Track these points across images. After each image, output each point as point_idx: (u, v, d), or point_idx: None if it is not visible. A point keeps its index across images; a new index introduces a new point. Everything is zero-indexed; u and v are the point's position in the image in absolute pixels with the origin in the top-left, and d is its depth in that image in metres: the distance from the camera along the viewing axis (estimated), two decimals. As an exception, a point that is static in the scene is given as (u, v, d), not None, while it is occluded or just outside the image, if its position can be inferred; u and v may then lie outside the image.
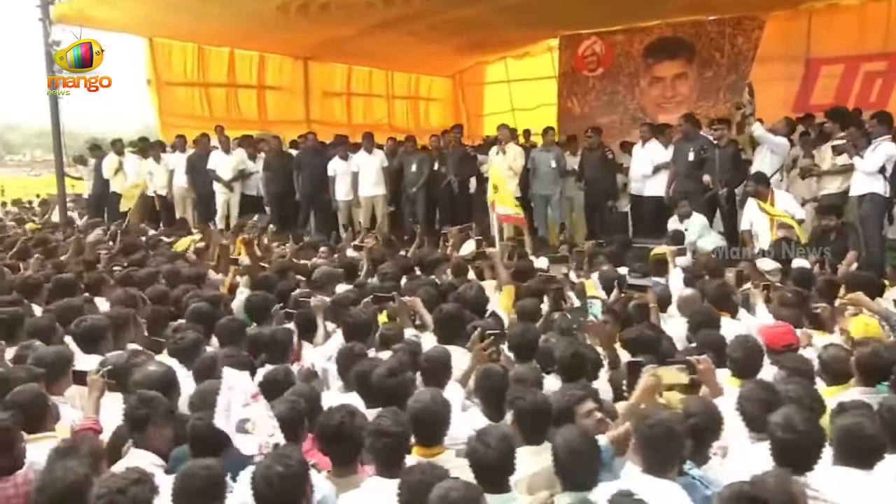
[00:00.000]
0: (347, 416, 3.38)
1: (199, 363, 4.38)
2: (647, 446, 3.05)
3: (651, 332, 4.51)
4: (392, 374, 3.91)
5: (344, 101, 17.05)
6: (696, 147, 9.49)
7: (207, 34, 14.17)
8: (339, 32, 14.49)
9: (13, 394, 3.67)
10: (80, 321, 4.91)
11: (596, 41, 17.09)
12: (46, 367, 4.11)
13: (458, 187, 11.43)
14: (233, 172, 12.07)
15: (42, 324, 5.13)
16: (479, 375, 4.02)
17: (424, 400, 3.59)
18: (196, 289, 6.48)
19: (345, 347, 4.56)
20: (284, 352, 4.96)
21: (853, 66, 14.40)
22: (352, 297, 5.75)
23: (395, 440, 3.29)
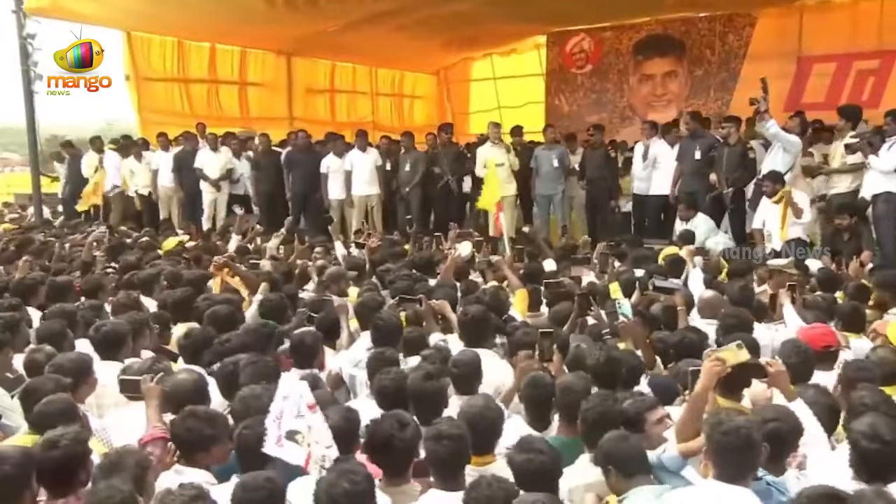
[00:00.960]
0: (398, 425, 3.27)
1: (222, 370, 4.24)
2: (721, 454, 2.95)
3: (695, 336, 4.45)
4: (429, 377, 3.81)
5: (327, 99, 16.91)
6: (702, 145, 9.49)
7: (187, 28, 13.95)
8: (324, 26, 14.33)
9: (43, 405, 3.51)
10: (99, 326, 4.74)
11: (584, 38, 17.12)
12: (66, 374, 3.94)
13: (455, 186, 11.32)
14: (220, 171, 11.87)
15: (55, 328, 4.95)
16: (527, 383, 3.93)
17: (478, 405, 3.48)
18: (195, 292, 6.32)
19: (377, 353, 4.44)
20: (313, 356, 4.83)
21: (845, 64, 14.54)
22: (378, 299, 5.63)
23: (457, 444, 3.15)
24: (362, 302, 5.49)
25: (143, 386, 3.76)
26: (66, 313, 5.44)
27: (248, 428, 3.26)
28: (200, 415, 3.38)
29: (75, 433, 3.16)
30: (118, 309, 5.61)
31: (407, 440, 3.24)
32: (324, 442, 3.02)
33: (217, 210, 11.93)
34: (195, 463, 3.36)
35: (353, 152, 11.35)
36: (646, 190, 10.47)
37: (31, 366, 4.51)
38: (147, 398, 3.72)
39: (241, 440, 3.25)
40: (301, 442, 3.04)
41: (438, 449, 3.14)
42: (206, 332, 4.92)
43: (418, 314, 5.37)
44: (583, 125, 16.39)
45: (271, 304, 5.75)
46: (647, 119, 16.26)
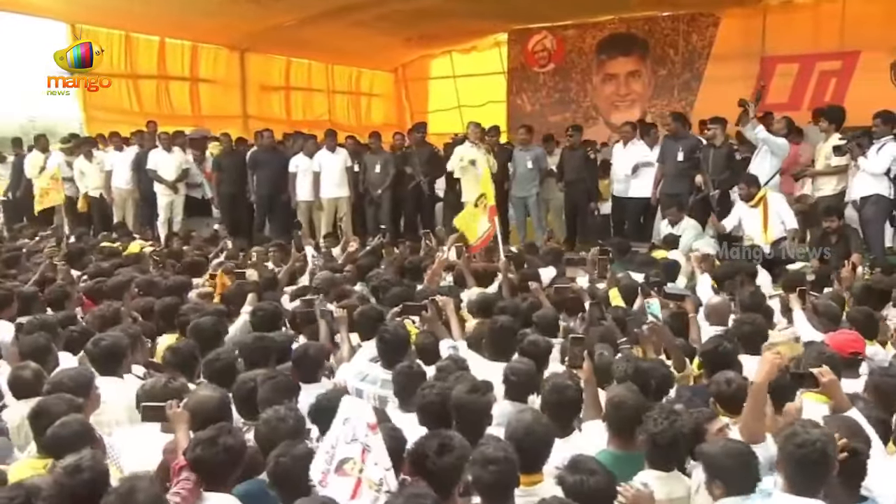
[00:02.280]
0: (437, 447, 3.09)
1: (241, 387, 4.06)
2: (794, 467, 2.93)
3: (730, 345, 4.42)
4: (475, 390, 3.70)
5: (282, 96, 16.61)
6: (685, 147, 9.52)
7: (135, 20, 13.56)
8: (281, 20, 14.11)
9: (58, 427, 3.33)
10: (97, 340, 4.50)
11: (546, 36, 17.18)
12: (68, 392, 3.76)
13: (427, 188, 11.21)
14: (176, 172, 11.53)
15: (39, 343, 4.69)
16: (548, 389, 3.87)
17: (526, 420, 3.39)
18: (179, 300, 6.10)
19: (403, 367, 4.29)
20: (317, 369, 4.69)
21: (808, 64, 14.89)
22: (378, 308, 5.49)
23: (506, 467, 3.04)
24: (363, 312, 5.34)
25: (170, 412, 3.57)
26: (47, 325, 5.17)
27: (283, 456, 3.12)
28: (227, 439, 3.22)
29: (95, 457, 3.04)
30: (99, 321, 5.35)
31: (454, 459, 3.13)
32: (383, 464, 2.88)
33: (174, 213, 11.58)
34: (223, 487, 3.24)
35: (322, 153, 11.14)
36: (626, 192, 10.47)
37: (17, 383, 4.28)
38: (176, 424, 3.55)
39: (279, 469, 3.10)
40: (351, 470, 2.90)
41: (484, 475, 3.03)
42: (193, 346, 4.72)
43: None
44: (546, 125, 16.46)
45: (265, 314, 5.56)
46: (607, 120, 16.80)
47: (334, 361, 5.21)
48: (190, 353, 4.60)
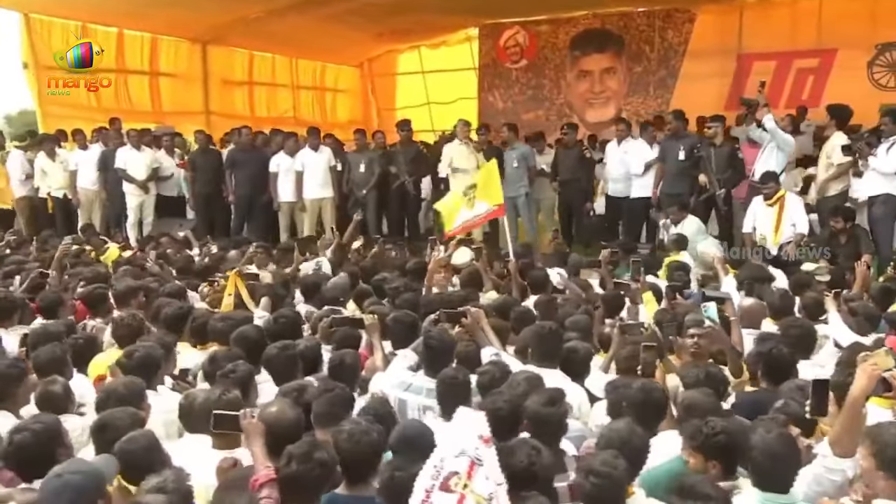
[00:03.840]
0: (535, 454, 3.12)
1: (288, 397, 3.95)
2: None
3: (787, 352, 4.45)
4: (552, 402, 3.67)
5: (246, 91, 16.36)
6: (686, 145, 9.60)
7: (92, 10, 13.22)
8: (246, 12, 13.92)
9: (125, 443, 3.24)
10: (132, 351, 4.38)
11: (519, 31, 17.24)
12: (122, 402, 3.71)
13: (412, 188, 11.14)
14: (147, 171, 11.26)
15: (56, 354, 4.54)
16: (636, 389, 3.84)
17: (621, 430, 3.37)
18: (189, 307, 5.94)
19: (447, 375, 4.23)
20: (355, 379, 4.60)
21: (785, 62, 15.20)
22: (413, 315, 5.41)
23: (611, 482, 3.01)
24: (397, 318, 5.26)
25: (244, 422, 3.46)
26: (53, 335, 4.99)
27: (400, 469, 3.07)
28: (321, 454, 3.15)
29: (178, 478, 3.03)
30: (126, 330, 5.18)
31: (545, 469, 3.13)
32: (494, 478, 2.82)
33: (144, 214, 11.31)
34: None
35: (305, 151, 11.00)
36: (620, 192, 10.53)
37: (46, 399, 4.11)
38: (250, 436, 3.43)
39: (395, 483, 3.04)
40: (455, 486, 2.84)
41: (587, 485, 3.02)
42: (238, 356, 4.59)
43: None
44: (518, 122, 16.48)
45: (287, 320, 5.44)
46: (581, 118, 16.91)
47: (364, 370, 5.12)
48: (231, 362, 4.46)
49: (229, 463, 3.63)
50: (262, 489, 3.12)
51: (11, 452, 3.23)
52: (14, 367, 4.13)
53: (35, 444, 3.23)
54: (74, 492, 2.81)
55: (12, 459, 3.24)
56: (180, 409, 3.96)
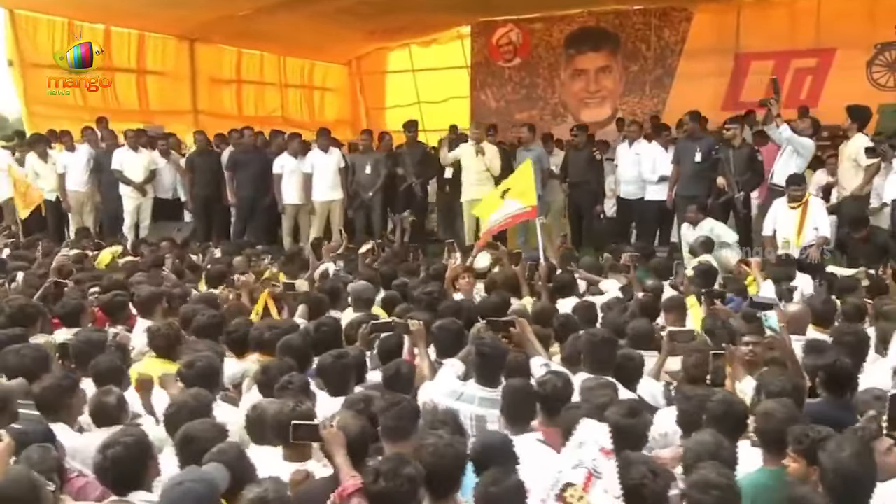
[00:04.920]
0: (650, 476, 3.09)
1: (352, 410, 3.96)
2: None
3: (848, 362, 4.37)
4: (633, 413, 3.70)
5: (234, 90, 16.26)
6: (703, 147, 9.67)
7: (79, 6, 13.10)
8: (235, 9, 13.84)
9: (215, 454, 3.27)
10: (192, 361, 4.38)
11: (512, 29, 17.30)
12: (192, 416, 3.71)
13: (420, 190, 11.17)
14: (144, 173, 11.19)
15: (114, 364, 4.57)
16: (717, 401, 3.85)
17: (707, 442, 3.39)
18: (222, 315, 5.92)
19: (514, 387, 4.24)
20: (410, 389, 4.60)
21: (783, 62, 15.33)
22: (459, 323, 5.42)
23: (732, 493, 3.04)
24: (443, 326, 5.27)
25: (323, 432, 3.47)
26: (96, 344, 4.96)
27: (494, 485, 3.07)
28: (410, 469, 3.15)
29: (278, 489, 3.05)
30: (164, 340, 5.16)
31: (661, 489, 3.12)
32: (613, 492, 2.86)
33: (141, 218, 11.23)
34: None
35: (315, 153, 10.97)
36: (635, 194, 10.61)
37: (101, 411, 4.11)
38: (331, 445, 3.45)
39: (490, 499, 3.04)
40: (570, 497, 2.87)
41: (708, 499, 3.01)
42: (288, 365, 4.59)
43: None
44: (511, 122, 16.66)
45: (328, 328, 5.44)
46: (576, 118, 16.97)
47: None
48: (286, 373, 4.46)
49: (302, 475, 3.64)
50: (350, 499, 3.14)
51: (107, 467, 3.24)
52: (67, 379, 4.11)
53: (128, 458, 3.24)
54: (196, 500, 2.88)
55: (108, 473, 3.26)
56: (248, 420, 3.97)
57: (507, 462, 3.47)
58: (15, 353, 4.57)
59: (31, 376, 4.28)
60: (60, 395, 4.03)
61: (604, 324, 5.87)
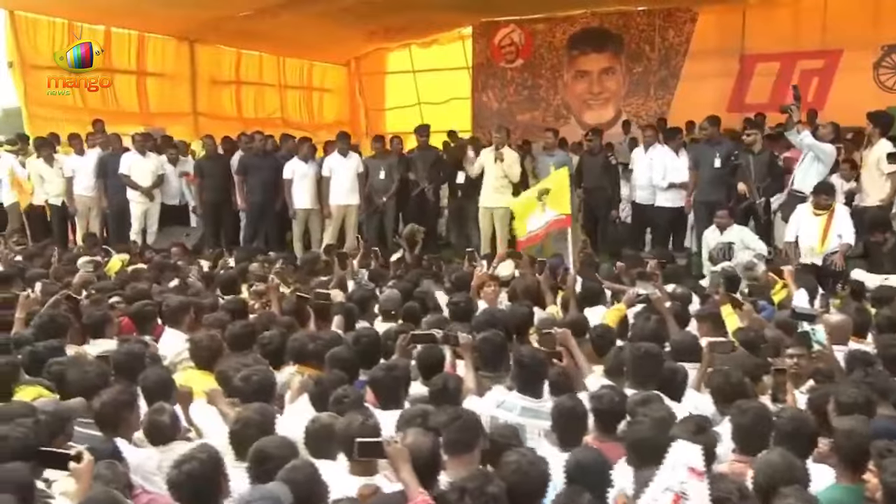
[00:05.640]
0: (736, 492, 3.14)
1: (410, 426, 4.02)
2: None
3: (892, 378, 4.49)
4: (700, 430, 3.75)
5: (233, 91, 16.27)
6: (722, 152, 9.74)
7: (79, 7, 13.09)
8: (238, 9, 13.86)
9: (289, 471, 3.34)
10: (248, 376, 4.42)
11: (514, 29, 17.40)
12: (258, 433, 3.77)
13: (432, 195, 11.24)
14: (152, 178, 11.21)
15: (164, 377, 4.60)
16: (787, 419, 3.90)
17: (777, 461, 3.41)
18: (253, 325, 5.97)
19: (564, 406, 4.26)
20: (456, 403, 4.63)
21: (789, 63, 15.50)
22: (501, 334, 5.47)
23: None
24: (487, 338, 5.32)
25: (389, 448, 3.53)
26: (138, 356, 5.00)
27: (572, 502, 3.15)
28: (493, 488, 3.18)
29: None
30: (206, 353, 5.20)
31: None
32: (703, 514, 2.92)
33: (148, 223, 11.26)
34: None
35: (333, 157, 11.00)
36: (649, 199, 10.67)
37: (154, 429, 4.14)
38: (397, 461, 3.47)
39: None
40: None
41: None
42: (341, 379, 4.65)
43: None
44: (514, 123, 16.74)
45: (368, 339, 5.48)
46: (579, 119, 17.09)
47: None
48: (338, 384, 4.51)
49: (371, 489, 3.68)
50: None
51: (182, 482, 3.27)
52: (125, 394, 4.14)
53: (202, 474, 3.27)
54: None
55: (182, 489, 3.29)
56: (308, 433, 3.99)
57: (601, 482, 3.54)
58: (78, 368, 4.60)
59: (91, 392, 4.30)
60: (120, 410, 4.05)
61: (635, 334, 5.91)
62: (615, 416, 4.27)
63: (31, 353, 5.07)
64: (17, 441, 3.42)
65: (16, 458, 3.32)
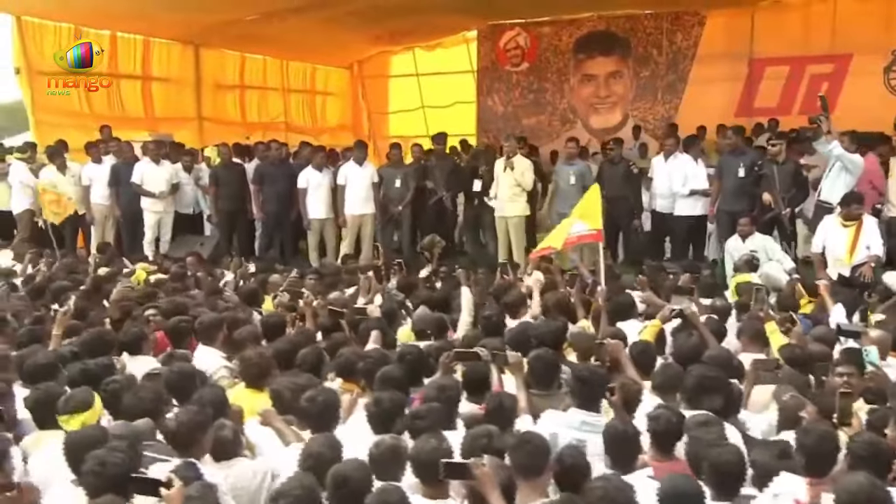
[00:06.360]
0: None
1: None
2: None
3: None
4: (786, 455, 3.82)
5: (237, 96, 16.34)
6: (746, 162, 9.76)
7: (87, 12, 13.12)
8: (246, 14, 13.92)
9: (379, 494, 3.46)
10: (313, 396, 4.47)
11: (520, 33, 17.50)
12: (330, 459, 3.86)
13: (450, 204, 11.32)
14: (166, 187, 11.26)
15: (219, 395, 4.65)
16: (860, 443, 3.96)
17: (862, 484, 3.39)
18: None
19: (615, 429, 4.32)
20: (512, 423, 4.74)
21: (798, 67, 15.68)
22: (553, 353, 5.55)
23: None
24: (538, 356, 5.40)
25: (477, 471, 3.60)
26: (191, 375, 5.06)
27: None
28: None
29: None
30: (256, 370, 5.27)
31: None
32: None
33: (162, 233, 11.32)
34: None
35: (349, 166, 11.05)
36: (668, 208, 10.76)
37: (219, 444, 4.19)
38: (486, 486, 3.55)
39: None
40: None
41: None
42: (400, 400, 4.72)
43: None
44: (519, 127, 16.85)
45: (413, 357, 5.54)
46: (585, 124, 17.19)
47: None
48: (399, 405, 4.61)
49: None
50: None
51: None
52: (201, 415, 4.16)
53: None
54: None
55: None
56: (372, 456, 3.98)
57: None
58: (134, 388, 4.67)
59: (151, 413, 4.37)
60: (195, 431, 4.08)
61: (677, 350, 5.96)
62: (672, 436, 4.32)
63: (83, 371, 5.06)
64: (115, 467, 3.44)
65: (115, 484, 3.37)
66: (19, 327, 6.46)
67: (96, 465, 3.46)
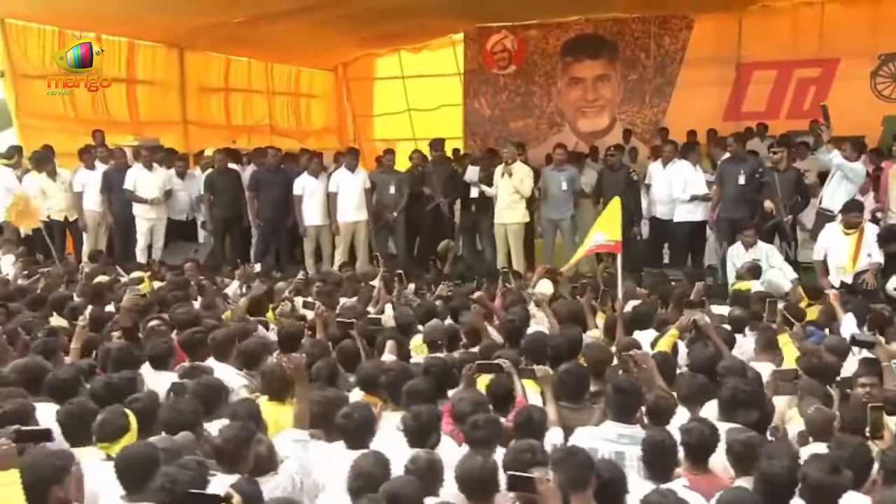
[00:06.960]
0: None
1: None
2: None
3: None
4: (836, 470, 3.79)
5: (222, 99, 16.27)
6: (747, 169, 9.89)
7: (70, 14, 13.04)
8: (234, 16, 13.90)
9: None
10: (349, 413, 4.51)
11: (507, 35, 17.56)
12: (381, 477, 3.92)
13: (448, 210, 11.39)
14: (160, 193, 11.25)
15: (253, 408, 4.72)
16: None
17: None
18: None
19: (654, 440, 4.39)
20: (542, 436, 4.82)
21: (786, 71, 15.93)
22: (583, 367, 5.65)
23: None
24: (569, 370, 5.47)
25: (542, 487, 3.66)
26: (218, 389, 5.11)
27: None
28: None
29: None
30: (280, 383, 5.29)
31: None
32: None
33: (154, 239, 11.29)
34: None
35: (340, 172, 11.10)
36: (667, 214, 10.89)
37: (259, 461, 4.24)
38: (548, 500, 3.63)
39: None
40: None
41: None
42: (436, 413, 4.79)
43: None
44: (506, 131, 17.02)
45: (438, 369, 5.61)
46: (573, 127, 17.33)
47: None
48: (436, 419, 4.68)
49: None
50: None
51: None
52: (245, 430, 4.19)
53: None
54: None
55: None
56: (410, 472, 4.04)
57: None
58: (168, 403, 4.72)
59: (186, 428, 4.42)
60: (240, 446, 4.11)
61: (693, 361, 6.05)
62: (706, 449, 4.40)
63: (107, 385, 5.08)
64: (185, 484, 3.47)
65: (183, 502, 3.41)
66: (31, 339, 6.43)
67: (168, 481, 3.51)
